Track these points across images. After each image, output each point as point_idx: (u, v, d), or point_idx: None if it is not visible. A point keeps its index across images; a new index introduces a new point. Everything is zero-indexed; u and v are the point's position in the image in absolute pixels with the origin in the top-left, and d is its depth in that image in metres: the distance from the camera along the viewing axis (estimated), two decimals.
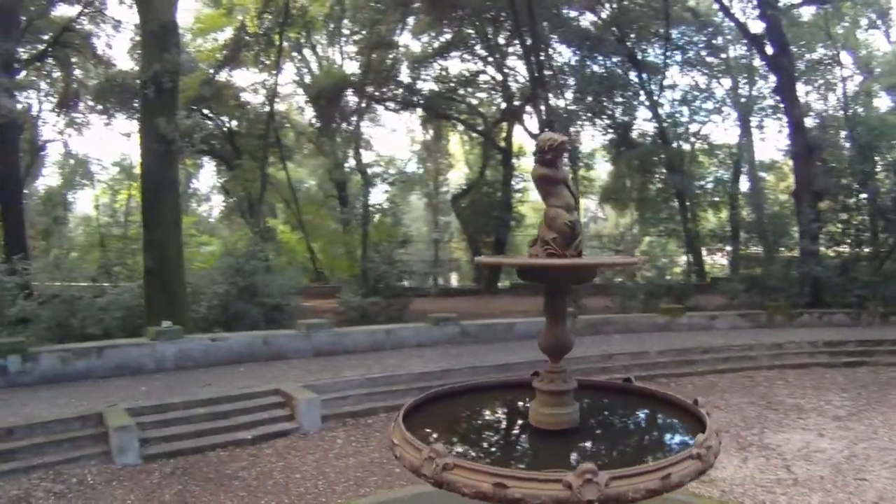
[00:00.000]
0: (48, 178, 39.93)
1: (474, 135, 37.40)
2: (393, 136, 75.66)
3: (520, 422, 5.03)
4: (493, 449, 4.64)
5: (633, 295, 22.85)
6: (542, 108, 24.12)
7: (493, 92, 33.26)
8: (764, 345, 16.70)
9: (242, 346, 14.79)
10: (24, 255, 17.11)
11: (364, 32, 30.20)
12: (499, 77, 31.12)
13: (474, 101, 36.24)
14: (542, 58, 24.92)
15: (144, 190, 17.90)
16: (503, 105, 32.68)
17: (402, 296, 23.21)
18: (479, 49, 30.00)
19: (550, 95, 25.53)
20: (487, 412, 5.40)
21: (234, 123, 33.66)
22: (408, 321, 19.38)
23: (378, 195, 41.50)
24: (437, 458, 3.56)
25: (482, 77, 33.30)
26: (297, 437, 10.74)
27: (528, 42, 24.05)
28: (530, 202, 35.88)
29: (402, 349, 15.94)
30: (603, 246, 30.33)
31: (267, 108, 30.33)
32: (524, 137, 34.13)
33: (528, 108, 27.14)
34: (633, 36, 27.49)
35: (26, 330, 15.54)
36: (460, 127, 37.79)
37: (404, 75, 32.68)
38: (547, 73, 25.37)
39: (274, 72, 28.60)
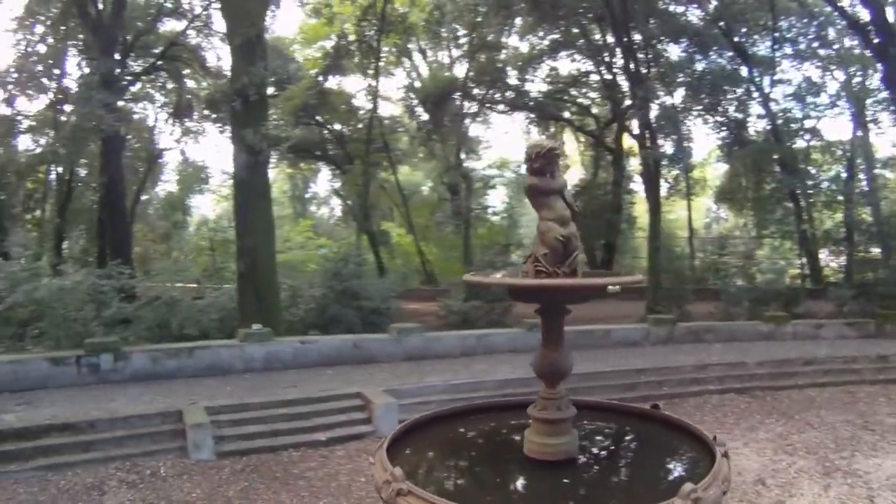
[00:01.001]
0: (168, 184, 42.09)
1: (585, 136, 36.60)
2: (508, 138, 75.57)
3: (512, 450, 4.63)
4: (473, 478, 4.47)
5: (737, 301, 21.38)
6: (640, 106, 23.12)
7: (602, 92, 32.24)
8: (868, 357, 15.02)
9: (332, 350, 14.65)
10: (122, 261, 17.70)
11: (468, 35, 30.08)
12: (608, 76, 30.13)
13: (585, 102, 35.41)
14: (648, 55, 23.97)
15: (236, 198, 18.33)
16: (613, 105, 31.61)
17: (504, 300, 22.67)
18: (586, 48, 29.12)
19: (661, 93, 24.53)
20: (482, 438, 5.08)
21: (344, 129, 34.14)
22: (510, 326, 18.80)
23: (496, 197, 41.58)
24: (393, 482, 3.55)
25: (593, 76, 32.41)
26: (372, 441, 10.37)
27: (625, 39, 23.23)
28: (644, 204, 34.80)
29: (493, 354, 15.40)
30: (713, 251, 28.56)
31: (374, 114, 30.66)
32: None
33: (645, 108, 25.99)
34: (741, 30, 25.94)
35: (127, 330, 16.07)
36: (572, 128, 37.02)
37: (512, 77, 32.21)
38: (653, 70, 24.37)
39: (377, 78, 28.86)
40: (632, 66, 23.76)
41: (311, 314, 18.63)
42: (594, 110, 35.70)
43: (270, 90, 28.91)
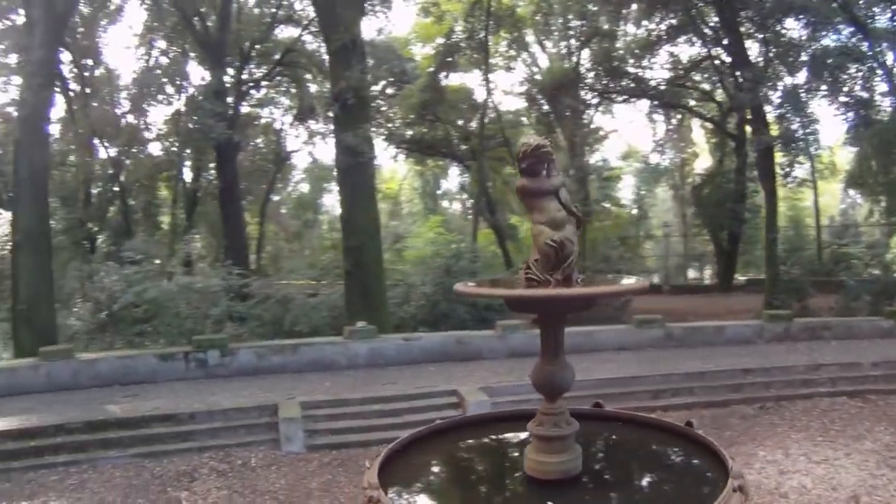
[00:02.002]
0: (300, 184, 43.64)
1: (708, 123, 34.84)
2: (633, 128, 73.35)
3: (515, 467, 4.29)
4: (461, 495, 4.29)
5: (857, 294, 19.51)
6: (750, 89, 21.67)
7: (720, 77, 30.48)
8: None
9: (435, 346, 14.51)
10: (237, 261, 18.39)
11: (579, 25, 29.26)
12: (726, 59, 28.45)
13: (707, 87, 33.68)
14: (765, 35, 22.45)
15: (342, 198, 18.60)
16: (730, 89, 29.83)
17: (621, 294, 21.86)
18: (702, 32, 27.60)
19: (783, 74, 22.86)
20: (487, 452, 4.84)
21: (467, 125, 34.07)
22: (627, 322, 18.08)
23: (623, 189, 40.46)
24: (367, 489, 3.54)
25: (715, 61, 30.69)
26: None
27: (736, 19, 21.88)
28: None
29: (600, 352, 14.74)
30: (835, 240, 26.24)
31: (491, 109, 30.52)
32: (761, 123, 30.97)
33: (763, 92, 24.29)
34: (858, 1, 23.67)
35: (242, 327, 16.68)
36: (696, 115, 35.34)
37: (630, 65, 31.06)
38: (772, 51, 22.78)
39: (488, 73, 28.61)
40: (742, 47, 22.37)
41: (422, 311, 18.65)
42: (717, 96, 33.83)
43: (389, 90, 29.47)
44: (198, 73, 26.70)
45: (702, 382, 11.95)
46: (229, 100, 23.68)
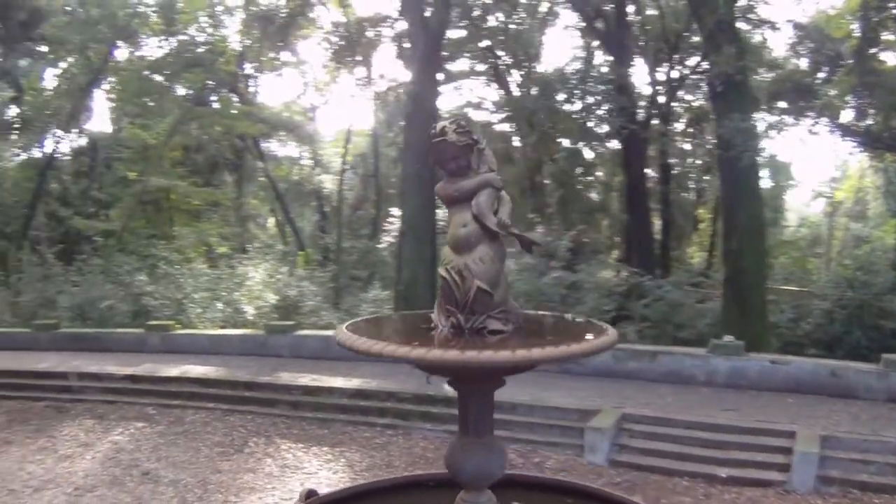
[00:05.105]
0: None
1: None
2: None
3: None
4: None
5: None
6: None
7: None
8: None
9: (804, 374, 12.93)
10: (639, 258, 18.59)
11: None
12: None
13: None
14: None
15: (721, 196, 17.40)
16: None
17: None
18: None
19: None
20: None
21: None
22: None
23: None
24: None
25: None
26: (776, 494, 9.19)
27: None
28: None
29: None
30: None
31: None
32: None
33: None
34: None
35: (628, 327, 16.98)
36: None
37: None
38: None
39: None
40: None
41: (818, 330, 16.65)
42: None
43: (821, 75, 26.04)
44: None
45: None
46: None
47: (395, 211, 23.42)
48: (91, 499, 8.69)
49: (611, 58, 23.44)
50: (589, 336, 3.20)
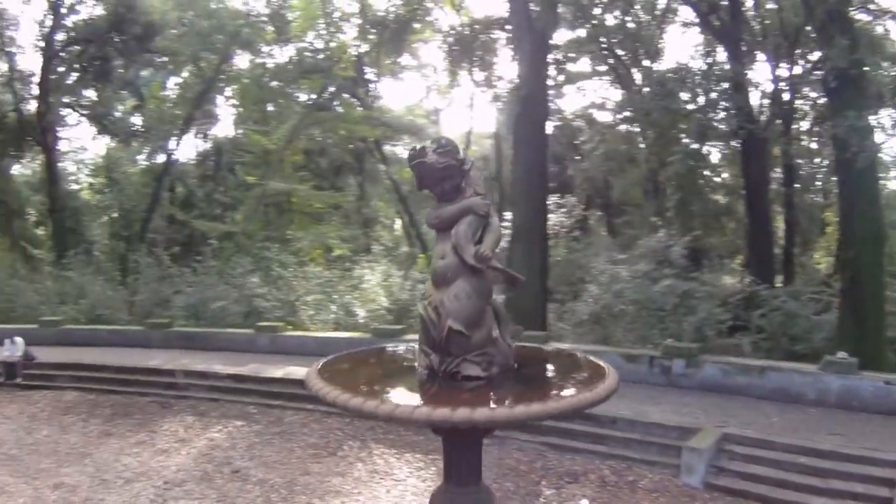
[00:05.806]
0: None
1: None
2: None
3: None
4: None
5: None
6: None
7: None
8: None
9: None
10: (757, 265, 17.71)
11: None
12: None
13: None
14: None
15: (840, 201, 16.38)
16: None
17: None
18: None
19: None
20: None
21: None
22: None
23: None
24: None
25: None
26: None
27: None
28: None
29: None
30: None
31: None
32: None
33: None
34: None
35: (744, 338, 16.24)
36: None
37: None
38: None
39: None
40: None
41: None
42: None
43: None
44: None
45: None
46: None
47: (507, 215, 23.44)
48: (178, 493, 9.09)
49: (727, 54, 22.58)
50: (575, 389, 3.02)
